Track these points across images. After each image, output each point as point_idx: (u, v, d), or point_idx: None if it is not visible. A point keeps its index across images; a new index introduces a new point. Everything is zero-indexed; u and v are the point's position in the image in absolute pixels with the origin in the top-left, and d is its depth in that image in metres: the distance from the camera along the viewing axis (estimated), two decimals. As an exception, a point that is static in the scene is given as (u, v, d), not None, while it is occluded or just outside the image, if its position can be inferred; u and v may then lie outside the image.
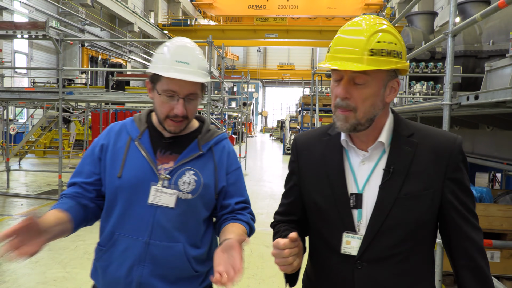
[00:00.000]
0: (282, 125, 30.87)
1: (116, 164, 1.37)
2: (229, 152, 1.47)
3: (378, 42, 1.03)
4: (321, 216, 1.17)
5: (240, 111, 12.89)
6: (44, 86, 11.70)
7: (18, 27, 5.96)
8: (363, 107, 1.07)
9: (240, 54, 51.92)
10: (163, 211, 1.32)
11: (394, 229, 1.08)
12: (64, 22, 20.06)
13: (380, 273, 1.09)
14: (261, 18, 36.00)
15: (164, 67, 1.30)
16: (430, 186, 1.07)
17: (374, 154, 1.12)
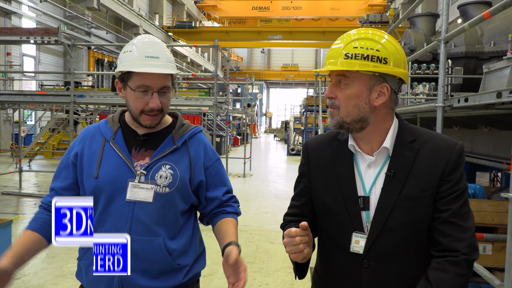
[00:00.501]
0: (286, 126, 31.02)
1: (92, 166, 1.39)
2: (205, 145, 1.50)
3: (355, 48, 1.13)
4: (331, 217, 1.23)
5: (244, 112, 13.07)
6: (54, 89, 11.93)
7: (31, 33, 6.19)
8: (345, 106, 1.16)
9: (244, 55, 52.17)
10: (142, 206, 1.35)
11: (396, 229, 1.13)
12: (71, 25, 20.38)
13: (386, 272, 1.14)
14: (265, 20, 36.17)
15: (135, 64, 1.32)
16: (429, 188, 1.13)
17: (379, 159, 1.19)
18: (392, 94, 1.17)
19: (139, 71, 1.31)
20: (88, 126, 1.50)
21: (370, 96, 1.15)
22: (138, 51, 1.33)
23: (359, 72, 1.13)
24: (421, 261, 1.15)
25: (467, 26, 2.45)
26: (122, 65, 1.35)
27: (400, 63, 1.16)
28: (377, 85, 1.15)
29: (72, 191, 1.43)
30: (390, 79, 1.15)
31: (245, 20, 40.09)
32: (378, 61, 1.12)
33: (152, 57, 1.33)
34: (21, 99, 6.88)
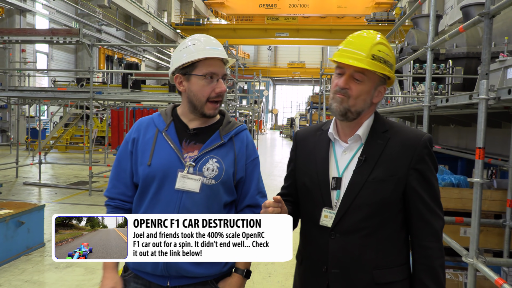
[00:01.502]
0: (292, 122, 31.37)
1: (146, 154, 1.49)
2: (247, 143, 1.58)
3: (379, 51, 1.28)
4: (308, 195, 1.39)
5: (251, 109, 13.46)
6: (69, 85, 12.41)
7: (55, 33, 6.62)
8: (355, 98, 1.30)
9: (251, 52, 52.47)
10: (189, 195, 1.43)
11: (362, 206, 1.28)
12: (82, 22, 20.88)
13: (349, 243, 1.29)
14: (272, 17, 36.44)
15: (202, 53, 1.44)
16: (395, 173, 1.27)
17: (353, 145, 1.35)
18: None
19: (209, 56, 1.43)
20: (142, 118, 1.61)
21: (374, 94, 1.32)
22: (203, 43, 1.46)
23: (375, 72, 1.29)
24: (383, 238, 1.29)
25: (447, 37, 2.83)
26: (187, 57, 1.45)
27: (394, 69, 1.35)
28: (380, 86, 1.32)
29: (129, 189, 1.55)
30: (386, 81, 1.35)
31: (252, 17, 40.37)
32: (389, 66, 1.30)
33: (215, 48, 1.47)
34: (43, 95, 7.34)
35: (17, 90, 7.51)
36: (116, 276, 1.48)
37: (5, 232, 3.84)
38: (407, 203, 1.29)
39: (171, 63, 1.52)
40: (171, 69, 1.51)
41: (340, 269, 1.29)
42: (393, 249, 1.30)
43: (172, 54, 1.52)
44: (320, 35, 33.30)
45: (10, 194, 7.12)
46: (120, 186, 1.54)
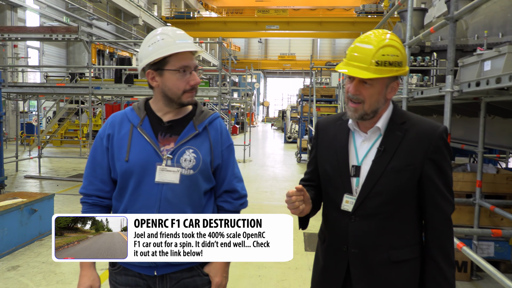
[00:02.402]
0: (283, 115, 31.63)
1: (122, 150, 1.49)
2: (221, 131, 1.60)
3: (383, 55, 1.31)
4: (329, 181, 1.48)
5: (244, 102, 13.75)
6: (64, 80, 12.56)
7: (54, 31, 6.84)
8: (369, 102, 1.36)
9: (241, 45, 52.51)
10: (169, 187, 1.46)
11: (380, 193, 1.37)
12: (73, 17, 20.89)
13: (368, 226, 1.39)
14: (262, 10, 36.53)
15: (173, 48, 1.44)
16: (411, 163, 1.35)
17: (372, 136, 1.42)
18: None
19: (181, 50, 1.44)
20: (114, 113, 1.60)
21: (386, 91, 1.38)
22: (172, 37, 1.46)
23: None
24: (398, 222, 1.39)
25: (421, 37, 3.18)
26: (159, 52, 1.44)
27: (406, 62, 1.39)
28: (392, 82, 1.38)
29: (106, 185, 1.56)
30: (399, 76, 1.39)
31: (242, 10, 40.42)
32: (398, 65, 1.33)
33: (185, 41, 1.48)
34: (43, 91, 7.57)
35: (16, 86, 7.72)
36: (93, 273, 1.51)
37: (20, 219, 4.14)
38: (422, 190, 1.37)
39: (140, 58, 1.51)
40: (141, 65, 1.49)
41: (359, 249, 1.40)
42: (407, 231, 1.40)
43: (140, 49, 1.51)
44: (310, 28, 33.50)
45: (14, 187, 7.37)
46: (96, 182, 1.54)
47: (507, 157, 7.39)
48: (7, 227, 3.95)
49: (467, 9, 2.47)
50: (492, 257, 3.80)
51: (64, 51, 21.86)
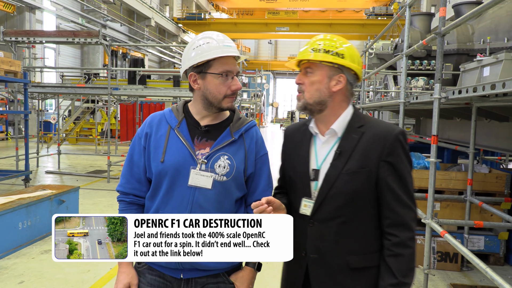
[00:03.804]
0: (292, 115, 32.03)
1: (158, 151, 1.50)
2: (257, 139, 1.59)
3: (319, 44, 1.40)
4: (292, 186, 1.50)
5: (254, 103, 14.11)
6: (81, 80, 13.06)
7: (76, 34, 7.29)
8: (309, 90, 1.41)
9: (251, 46, 52.92)
10: (201, 191, 1.46)
11: (336, 197, 1.37)
12: (88, 18, 21.49)
13: (326, 231, 1.38)
14: (272, 12, 36.88)
15: (216, 52, 1.46)
16: (366, 165, 1.35)
17: (330, 139, 1.43)
18: (347, 85, 1.42)
19: (224, 55, 1.46)
20: (153, 113, 1.62)
21: (330, 83, 1.40)
22: (216, 41, 1.47)
23: (321, 63, 1.39)
24: (357, 227, 1.38)
25: (416, 48, 3.52)
26: (202, 56, 1.46)
27: (355, 60, 1.41)
28: (335, 74, 1.40)
29: (143, 185, 1.57)
30: (346, 72, 1.41)
31: (253, 11, 40.81)
32: (337, 55, 1.38)
33: (229, 46, 1.49)
34: (64, 91, 8.03)
35: (39, 86, 8.17)
36: (132, 270, 1.53)
37: (50, 208, 4.56)
38: (379, 194, 1.36)
39: (183, 61, 1.53)
40: (184, 67, 1.52)
41: (318, 254, 1.39)
42: (367, 237, 1.38)
43: (184, 52, 1.54)
44: (320, 29, 33.73)
45: (36, 181, 7.84)
46: (133, 181, 1.56)
47: (507, 159, 7.65)
48: (39, 215, 4.37)
49: (452, 25, 2.80)
50: (482, 250, 4.11)
51: (79, 52, 22.46)
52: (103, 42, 7.23)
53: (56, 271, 3.62)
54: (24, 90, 6.59)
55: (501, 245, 4.09)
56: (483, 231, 4.17)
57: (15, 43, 7.50)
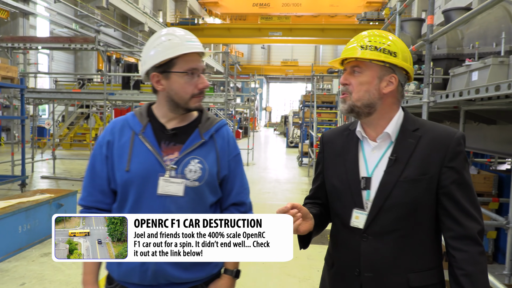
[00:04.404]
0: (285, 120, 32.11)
1: (123, 159, 1.40)
2: (229, 139, 1.51)
3: (369, 41, 1.28)
4: (338, 196, 1.35)
5: (248, 107, 14.23)
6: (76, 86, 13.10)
7: (72, 41, 7.38)
8: (357, 92, 1.28)
9: (244, 51, 53.14)
10: (173, 200, 1.37)
11: (394, 207, 1.23)
12: (81, 23, 21.52)
13: (382, 245, 1.25)
14: (265, 17, 37.14)
15: (180, 49, 1.36)
16: (427, 172, 1.22)
17: (382, 144, 1.31)
18: (399, 86, 1.30)
19: (189, 51, 1.36)
20: (115, 119, 1.51)
21: (380, 84, 1.28)
22: (179, 38, 1.38)
23: (371, 62, 1.27)
24: (417, 241, 1.25)
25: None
26: (165, 54, 1.36)
27: (407, 59, 1.29)
28: (386, 75, 1.27)
29: (107, 196, 1.47)
30: (398, 72, 1.28)
31: (246, 17, 41.07)
32: (389, 53, 1.26)
33: (193, 42, 1.40)
34: (60, 96, 8.09)
35: (35, 92, 8.23)
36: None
37: (49, 212, 4.62)
38: (440, 204, 1.25)
39: (143, 61, 1.42)
40: (145, 67, 1.41)
41: (374, 272, 1.26)
42: (427, 251, 1.27)
43: (143, 51, 1.43)
44: (313, 34, 34.02)
45: (32, 187, 7.87)
46: (96, 193, 1.46)
47: (496, 161, 7.84)
48: (38, 219, 4.43)
49: (439, 33, 2.95)
50: (472, 248, 4.25)
51: (72, 57, 22.46)
52: (99, 48, 7.31)
53: (57, 273, 3.69)
54: (20, 95, 6.65)
55: (489, 244, 4.23)
56: (472, 231, 4.31)
57: (11, 49, 7.55)
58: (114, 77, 23.20)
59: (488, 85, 2.21)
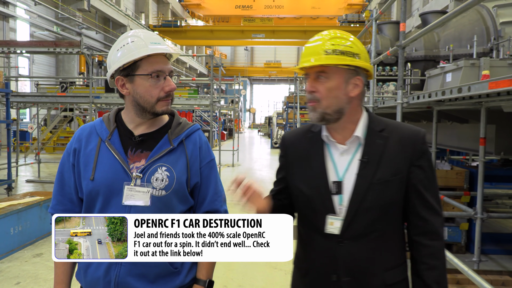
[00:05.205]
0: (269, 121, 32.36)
1: (88, 167, 1.36)
2: (201, 145, 1.45)
3: (333, 45, 1.24)
4: (307, 202, 1.32)
5: (232, 109, 14.41)
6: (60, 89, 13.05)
7: (58, 45, 7.42)
8: (326, 98, 1.26)
9: (227, 53, 53.29)
10: (138, 209, 1.32)
11: (370, 209, 1.24)
12: (62, 26, 21.33)
13: (359, 249, 1.25)
14: (248, 19, 37.35)
15: (142, 50, 1.31)
16: (398, 172, 1.24)
17: (351, 147, 1.29)
18: (363, 87, 1.30)
19: (153, 52, 1.31)
20: (83, 125, 1.47)
21: (347, 88, 1.26)
22: (143, 39, 1.33)
23: (337, 66, 1.24)
24: (390, 240, 1.28)
25: (382, 58, 3.90)
26: (128, 56, 1.31)
27: (367, 59, 1.31)
28: (352, 77, 1.26)
29: (76, 205, 1.44)
30: (361, 73, 1.28)
31: (228, 18, 41.20)
32: (352, 55, 1.25)
33: (157, 43, 1.35)
34: (45, 100, 8.11)
35: (19, 96, 8.23)
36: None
37: (39, 214, 4.71)
38: (408, 201, 1.27)
39: (109, 64, 1.38)
40: (110, 71, 1.37)
41: (352, 276, 1.26)
42: (397, 248, 1.30)
43: (109, 54, 1.39)
44: (295, 36, 34.39)
45: (18, 191, 7.87)
46: (65, 202, 1.42)
47: (470, 158, 8.21)
48: (29, 221, 4.51)
49: (411, 39, 3.19)
50: (446, 240, 4.52)
51: (53, 60, 22.23)
52: (85, 52, 7.38)
53: (51, 272, 3.80)
54: (6, 100, 6.68)
55: (462, 235, 4.52)
56: (446, 223, 4.59)
57: (-5, 53, 7.55)
58: (97, 80, 23.13)
59: (452, 88, 2.45)
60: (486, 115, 3.26)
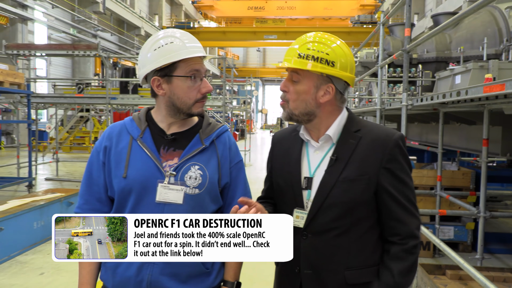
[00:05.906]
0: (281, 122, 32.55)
1: (120, 165, 1.36)
2: (230, 146, 1.47)
3: (308, 49, 1.25)
4: (282, 196, 1.39)
5: (244, 110, 14.58)
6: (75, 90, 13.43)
7: (76, 47, 7.72)
8: (294, 101, 1.30)
9: (240, 54, 53.54)
10: (171, 208, 1.33)
11: (333, 206, 1.27)
12: (78, 28, 21.81)
13: (321, 244, 1.29)
14: (260, 20, 37.53)
15: (182, 52, 1.32)
16: (365, 173, 1.25)
17: (325, 145, 1.33)
18: (337, 94, 1.30)
19: (191, 56, 1.32)
20: (113, 124, 1.48)
21: (317, 93, 1.28)
22: (181, 41, 1.34)
23: (309, 71, 1.26)
24: (354, 239, 1.29)
25: (388, 61, 4.03)
26: (167, 57, 1.32)
27: (347, 67, 1.28)
28: (323, 84, 1.28)
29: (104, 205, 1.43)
30: (336, 81, 1.28)
31: (241, 20, 41.46)
32: (326, 63, 1.25)
33: (196, 45, 1.36)
34: (64, 101, 8.40)
35: (39, 97, 8.54)
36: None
37: (60, 210, 4.96)
38: (379, 203, 1.28)
39: (142, 64, 1.37)
40: (144, 70, 1.36)
41: (312, 269, 1.30)
42: (365, 249, 1.30)
43: (141, 54, 1.38)
44: (307, 37, 34.34)
45: (38, 188, 8.18)
46: (93, 201, 1.41)
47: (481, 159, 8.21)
48: (51, 216, 4.75)
49: (416, 43, 3.32)
50: (452, 239, 4.62)
51: (70, 61, 22.73)
52: (102, 54, 7.64)
53: (72, 264, 4.02)
54: (27, 101, 6.97)
55: (468, 234, 4.61)
56: (452, 222, 4.69)
57: (16, 56, 7.87)
58: (112, 81, 23.51)
59: (452, 91, 2.58)
60: (489, 117, 3.36)
